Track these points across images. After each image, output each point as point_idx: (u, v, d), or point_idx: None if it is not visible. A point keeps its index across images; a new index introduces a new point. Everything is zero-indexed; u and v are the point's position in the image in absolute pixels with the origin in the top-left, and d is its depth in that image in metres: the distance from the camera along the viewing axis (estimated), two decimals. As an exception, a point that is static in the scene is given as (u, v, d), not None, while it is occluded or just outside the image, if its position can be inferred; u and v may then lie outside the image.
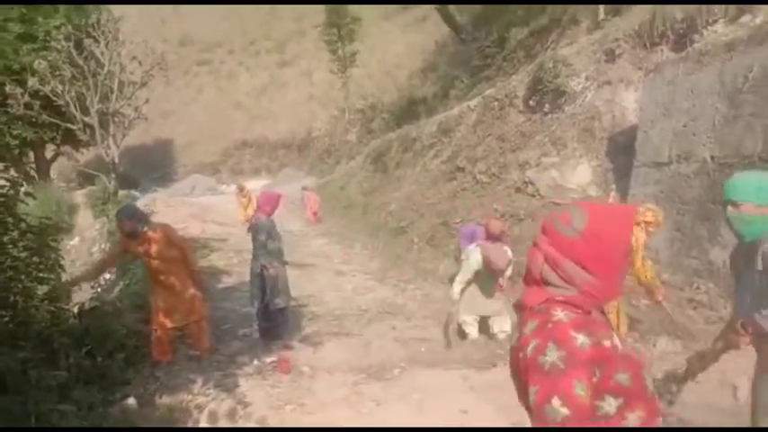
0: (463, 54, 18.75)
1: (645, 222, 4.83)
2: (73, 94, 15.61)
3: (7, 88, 15.50)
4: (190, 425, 4.21)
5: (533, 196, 8.40)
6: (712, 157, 5.84)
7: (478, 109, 11.36)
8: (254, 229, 6.07)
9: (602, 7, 10.94)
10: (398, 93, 23.03)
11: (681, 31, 7.84)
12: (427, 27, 27.88)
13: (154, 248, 5.18)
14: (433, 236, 9.58)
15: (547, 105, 9.41)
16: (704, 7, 7.52)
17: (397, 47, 29.03)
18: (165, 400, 4.50)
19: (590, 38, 9.90)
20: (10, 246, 4.89)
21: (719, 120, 5.78)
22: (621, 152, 7.72)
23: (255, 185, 23.36)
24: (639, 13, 8.99)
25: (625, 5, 9.82)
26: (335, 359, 5.58)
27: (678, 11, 7.87)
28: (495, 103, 10.71)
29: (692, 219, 5.99)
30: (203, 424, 4.21)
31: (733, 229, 2.69)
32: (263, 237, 5.97)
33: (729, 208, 2.64)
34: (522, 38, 14.41)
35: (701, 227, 5.84)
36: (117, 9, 19.42)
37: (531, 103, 9.80)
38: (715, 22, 7.46)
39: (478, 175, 9.74)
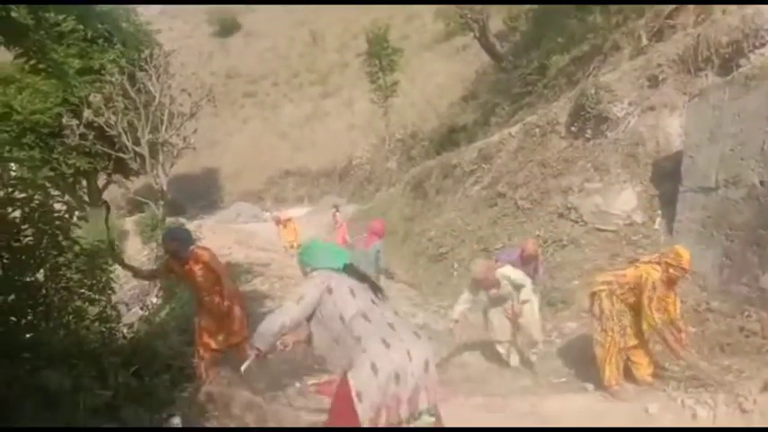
0: (504, 82, 18.80)
1: (666, 263, 4.68)
2: (125, 124, 16.21)
3: (64, 120, 16.24)
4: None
5: (576, 222, 8.30)
6: (761, 182, 5.70)
7: (519, 135, 11.34)
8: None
9: (644, 34, 10.88)
10: (439, 121, 23.19)
11: (726, 56, 7.73)
12: (467, 57, 28.11)
13: (196, 270, 5.33)
14: (473, 262, 9.52)
15: (589, 131, 9.33)
16: (750, 31, 7.41)
17: (438, 77, 29.31)
18: (211, 419, 4.57)
19: (633, 64, 9.84)
20: (64, 267, 5.09)
21: (768, 144, 5.65)
22: (667, 178, 7.59)
23: (298, 213, 23.75)
24: (683, 38, 8.92)
25: (668, 29, 9.75)
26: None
27: (723, 35, 7.77)
28: (537, 130, 10.67)
29: (741, 245, 5.82)
30: (245, 444, 4.27)
31: None
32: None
33: None
34: (564, 65, 14.39)
35: (751, 253, 5.67)
36: (168, 44, 20.25)
37: (572, 129, 9.74)
38: (762, 45, 7.34)
39: (519, 201, 9.68)
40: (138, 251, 15.03)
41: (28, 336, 4.49)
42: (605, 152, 8.73)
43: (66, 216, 5.17)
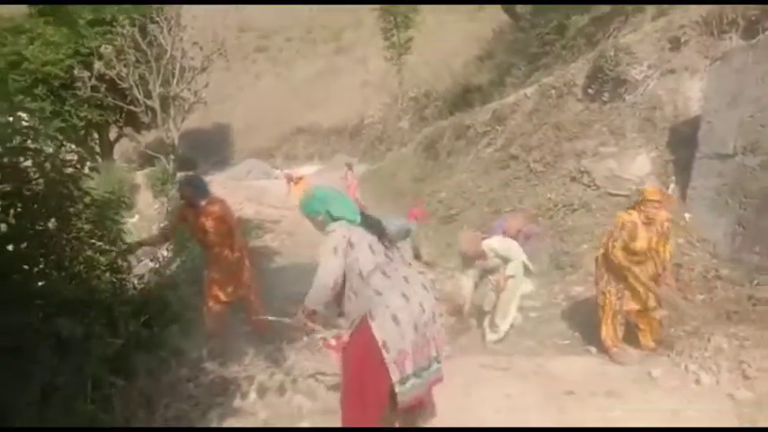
0: (521, 42, 18.39)
1: (637, 204, 4.89)
2: (136, 77, 16.12)
3: (75, 71, 16.16)
4: (239, 395, 4.36)
5: (588, 186, 8.22)
6: (781, 149, 5.59)
7: (535, 97, 11.15)
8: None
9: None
10: (453, 80, 22.79)
11: (752, 18, 7.49)
12: (485, 15, 27.45)
13: (209, 221, 5.39)
14: (484, 224, 9.48)
15: (606, 94, 9.15)
16: (779, -8, 7.17)
17: (454, 35, 28.69)
18: (217, 369, 4.67)
19: (654, 25, 9.57)
20: (75, 218, 5.13)
21: (791, 110, 5.52)
22: (683, 143, 7.46)
23: (308, 170, 23.73)
24: (708, -1, 8.64)
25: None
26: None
27: (750, -4, 7.53)
28: (553, 91, 10.48)
29: (755, 213, 5.75)
30: (252, 395, 4.36)
31: None
32: None
33: None
34: (583, 25, 14.03)
35: (765, 221, 5.60)
36: (180, -5, 19.94)
37: (590, 91, 9.55)
38: (791, 8, 7.10)
39: (532, 164, 9.59)
40: (149, 205, 15.13)
41: (40, 284, 4.55)
42: (622, 116, 8.58)
43: (78, 166, 5.18)
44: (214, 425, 3.90)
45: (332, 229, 3.19)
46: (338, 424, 3.27)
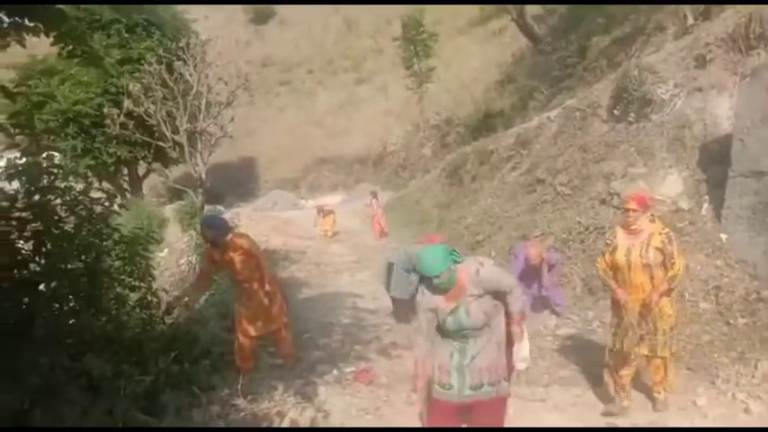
0: (542, 65, 18.40)
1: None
2: (164, 113, 16.42)
3: (105, 110, 16.55)
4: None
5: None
6: (818, 165, 5.42)
7: (559, 120, 11.06)
8: None
9: (690, 13, 10.46)
10: (474, 106, 22.85)
11: (781, 33, 7.36)
12: (504, 40, 27.60)
13: (235, 257, 5.36)
14: (512, 249, 9.36)
15: (632, 114, 9.03)
16: (807, 5, 7.04)
17: (474, 61, 28.84)
18: (248, 406, 4.60)
19: (678, 44, 9.48)
20: (104, 255, 5.17)
21: (827, 124, 5.36)
22: (715, 162, 7.29)
23: (332, 200, 23.83)
24: (733, 15, 8.53)
25: (716, 8, 9.35)
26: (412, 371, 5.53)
27: (777, 11, 7.41)
28: (577, 114, 10.39)
29: (796, 231, 5.56)
30: (284, 431, 4.28)
31: None
32: None
33: None
34: (604, 46, 13.99)
35: (807, 240, 5.41)
36: (204, 32, 20.44)
37: (615, 112, 9.44)
38: (819, 20, 6.97)
39: (559, 187, 9.45)
40: (178, 239, 15.28)
41: (70, 322, 4.57)
42: (649, 136, 8.44)
43: (107, 204, 5.24)
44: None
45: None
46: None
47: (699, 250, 6.58)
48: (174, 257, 13.72)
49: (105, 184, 17.69)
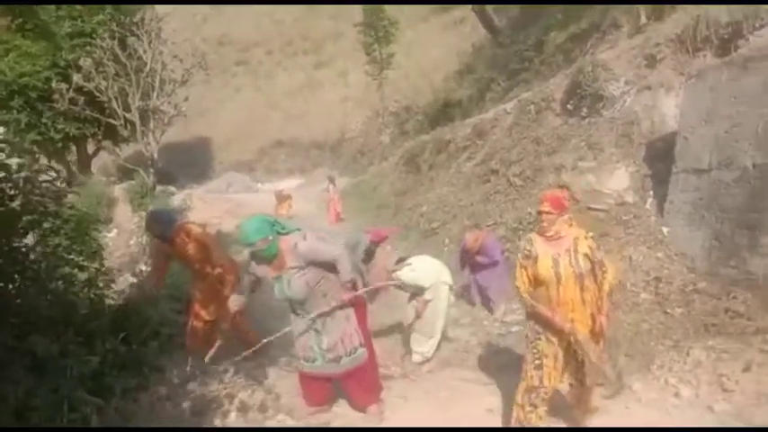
0: (500, 57, 18.63)
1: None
2: (116, 90, 15.99)
3: (53, 84, 15.96)
4: (220, 414, 4.29)
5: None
6: (754, 165, 5.70)
7: (514, 112, 11.27)
8: None
9: (643, 12, 10.75)
10: (434, 95, 22.98)
11: (726, 36, 7.66)
12: (465, 29, 27.80)
13: (186, 247, 5.33)
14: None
15: (585, 109, 9.27)
16: (751, 12, 7.35)
17: (434, 49, 28.96)
18: (197, 388, 4.59)
19: (631, 42, 9.74)
20: (52, 234, 5.05)
21: (763, 127, 5.64)
22: (660, 158, 7.57)
23: (289, 185, 23.64)
24: (683, 17, 8.81)
25: (668, 9, 9.65)
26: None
27: (724, 15, 7.70)
28: (532, 107, 10.60)
29: (731, 227, 5.84)
30: (233, 414, 4.30)
31: None
32: None
33: None
34: (561, 42, 14.25)
35: (740, 236, 5.70)
36: (160, 8, 19.88)
37: (568, 106, 9.68)
38: (762, 26, 7.28)
39: (512, 178, 9.66)
40: (128, 219, 14.92)
41: (16, 301, 4.46)
42: (600, 131, 8.69)
43: (53, 181, 5.12)
44: (194, 445, 3.84)
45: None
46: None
47: (642, 242, 6.86)
48: (123, 238, 13.40)
49: (53, 162, 17.11)
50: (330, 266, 4.08)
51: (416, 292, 5.78)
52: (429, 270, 5.91)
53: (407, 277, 5.77)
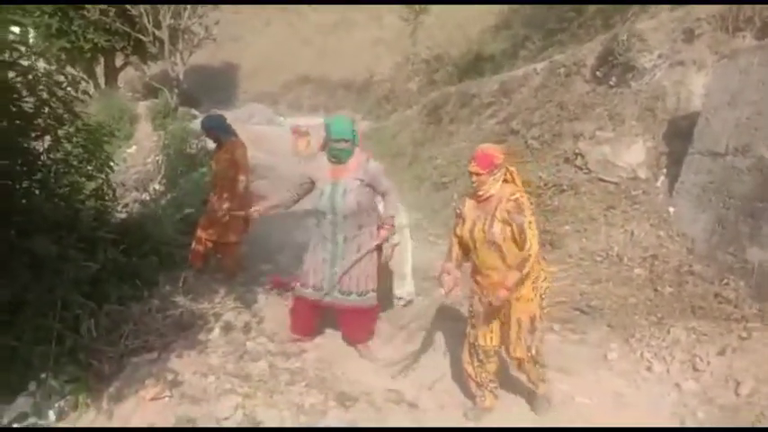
0: (539, 16, 18.08)
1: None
2: (147, 5, 15.89)
3: (86, -9, 15.87)
4: (205, 330, 4.48)
5: (580, 169, 8.23)
6: (770, 154, 5.61)
7: (543, 73, 11.05)
8: None
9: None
10: (467, 46, 22.48)
11: (768, 19, 7.40)
12: (507, -16, 26.88)
13: (223, 159, 5.58)
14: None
15: (614, 78, 9.07)
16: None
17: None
18: (187, 303, 4.77)
19: (671, 14, 9.42)
20: (64, 140, 5.17)
21: (785, 116, 5.52)
22: (680, 137, 7.45)
23: (311, 122, 23.54)
24: (730, -7, 8.49)
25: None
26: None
27: (771, -5, 7.41)
28: (562, 70, 10.38)
29: (735, 214, 5.80)
30: (217, 330, 4.47)
31: None
32: None
33: None
34: (603, 6, 13.80)
35: (743, 223, 5.66)
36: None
37: (597, 74, 9.47)
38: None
39: (530, 141, 9.56)
40: (148, 136, 15.07)
41: (22, 201, 4.61)
42: (624, 102, 8.53)
43: (70, 89, 5.18)
44: (174, 356, 4.02)
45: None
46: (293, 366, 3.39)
47: (646, 219, 6.85)
48: (141, 155, 13.59)
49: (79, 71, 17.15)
50: (373, 206, 4.14)
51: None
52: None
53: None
